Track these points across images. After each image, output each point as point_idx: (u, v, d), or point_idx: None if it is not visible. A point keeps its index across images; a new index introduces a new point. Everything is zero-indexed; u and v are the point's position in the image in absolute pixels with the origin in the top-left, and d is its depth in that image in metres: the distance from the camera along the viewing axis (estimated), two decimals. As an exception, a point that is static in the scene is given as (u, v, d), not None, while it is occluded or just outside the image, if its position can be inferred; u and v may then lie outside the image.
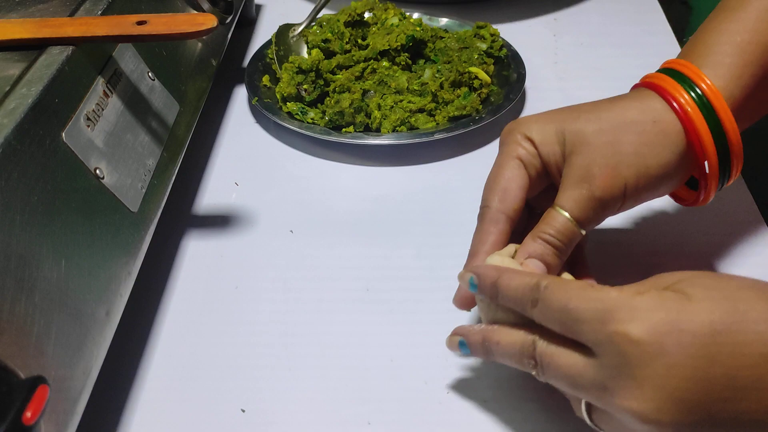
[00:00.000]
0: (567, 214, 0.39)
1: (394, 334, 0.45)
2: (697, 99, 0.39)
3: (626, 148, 0.39)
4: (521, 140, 0.41)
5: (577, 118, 0.40)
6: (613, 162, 0.39)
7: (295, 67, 0.60)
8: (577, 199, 0.39)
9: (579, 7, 0.77)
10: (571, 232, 0.39)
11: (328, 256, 0.51)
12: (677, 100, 0.39)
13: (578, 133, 0.39)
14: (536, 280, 0.34)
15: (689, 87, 0.39)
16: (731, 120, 0.39)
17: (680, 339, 0.29)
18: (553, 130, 0.40)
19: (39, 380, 0.30)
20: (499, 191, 0.41)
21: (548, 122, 0.41)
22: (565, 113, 0.41)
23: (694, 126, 0.39)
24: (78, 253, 0.37)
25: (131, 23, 0.41)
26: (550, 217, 0.39)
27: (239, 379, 0.43)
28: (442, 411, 0.41)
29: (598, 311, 0.31)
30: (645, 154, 0.39)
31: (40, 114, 0.36)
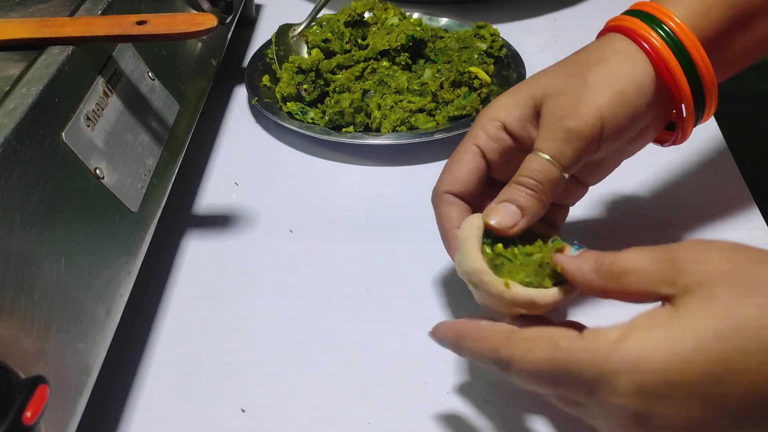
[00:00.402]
0: (543, 154, 0.38)
1: (395, 334, 0.45)
2: (665, 36, 0.38)
3: (595, 79, 0.38)
4: (485, 123, 0.41)
5: (542, 75, 0.41)
6: (584, 94, 0.38)
7: (295, 67, 0.60)
8: (552, 137, 0.38)
9: (579, 7, 0.77)
10: (548, 171, 0.38)
11: (328, 255, 0.51)
12: (645, 39, 0.38)
13: (546, 86, 0.39)
14: (495, 353, 0.32)
15: (656, 25, 0.39)
16: (702, 54, 0.38)
17: (674, 395, 0.27)
18: (522, 97, 0.40)
19: (39, 380, 0.30)
20: (447, 175, 0.41)
21: (514, 94, 0.41)
22: (530, 79, 0.41)
23: (666, 62, 0.38)
24: (78, 253, 0.37)
25: (131, 23, 0.41)
26: (526, 161, 0.39)
27: (239, 379, 0.43)
28: (443, 411, 0.41)
29: (579, 379, 0.29)
30: (615, 82, 0.38)
31: (40, 114, 0.36)
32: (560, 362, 0.30)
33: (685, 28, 0.38)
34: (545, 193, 0.38)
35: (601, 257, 0.32)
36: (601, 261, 0.32)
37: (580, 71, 0.39)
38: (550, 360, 0.30)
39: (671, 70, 0.38)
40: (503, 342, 0.32)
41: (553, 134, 0.38)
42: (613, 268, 0.31)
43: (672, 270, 0.29)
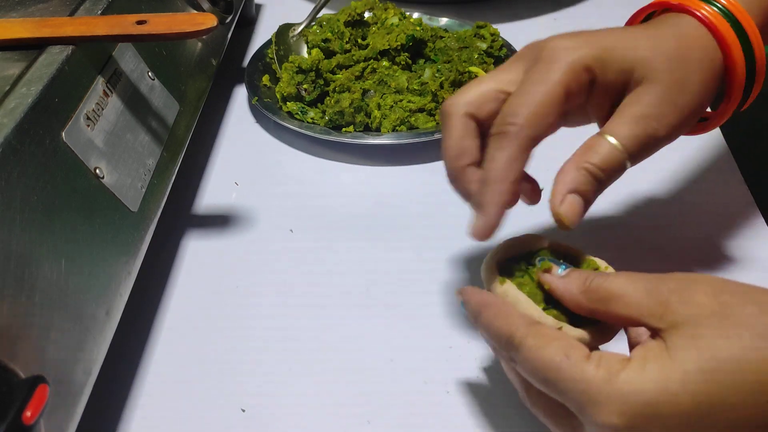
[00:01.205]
0: (618, 143, 0.36)
1: (394, 334, 0.45)
2: (721, 11, 0.38)
3: (693, 87, 0.37)
4: (576, 67, 0.36)
5: (636, 45, 0.37)
6: (682, 102, 0.37)
7: (295, 67, 0.60)
8: (638, 134, 0.36)
9: (579, 7, 0.77)
10: (619, 163, 0.36)
11: (328, 255, 0.51)
12: (706, 18, 0.38)
13: (646, 65, 0.36)
14: (510, 332, 0.33)
15: (709, 2, 0.38)
16: (756, 32, 0.38)
17: (662, 428, 0.29)
18: (617, 57, 0.36)
19: (39, 380, 0.30)
20: (535, 114, 0.35)
21: (607, 48, 0.37)
22: (619, 38, 0.37)
23: (724, 39, 0.38)
24: (78, 253, 0.37)
25: (131, 23, 0.41)
26: (599, 146, 0.36)
27: (239, 379, 0.43)
28: (442, 410, 0.41)
29: (577, 394, 0.30)
30: (705, 92, 0.37)
31: (40, 113, 0.36)
32: (563, 372, 0.31)
33: (737, 4, 0.38)
34: (606, 186, 0.37)
35: (589, 278, 0.33)
36: (589, 282, 0.33)
37: (679, 62, 0.37)
38: (555, 365, 0.31)
39: (729, 47, 0.37)
40: (522, 328, 0.33)
41: (640, 130, 0.36)
42: (601, 292, 0.32)
43: (660, 304, 0.31)
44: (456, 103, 0.38)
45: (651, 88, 0.36)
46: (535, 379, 0.32)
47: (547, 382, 0.31)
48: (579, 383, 0.30)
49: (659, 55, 0.37)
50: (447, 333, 0.45)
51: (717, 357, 0.29)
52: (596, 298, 0.33)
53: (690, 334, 0.30)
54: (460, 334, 0.45)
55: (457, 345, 0.44)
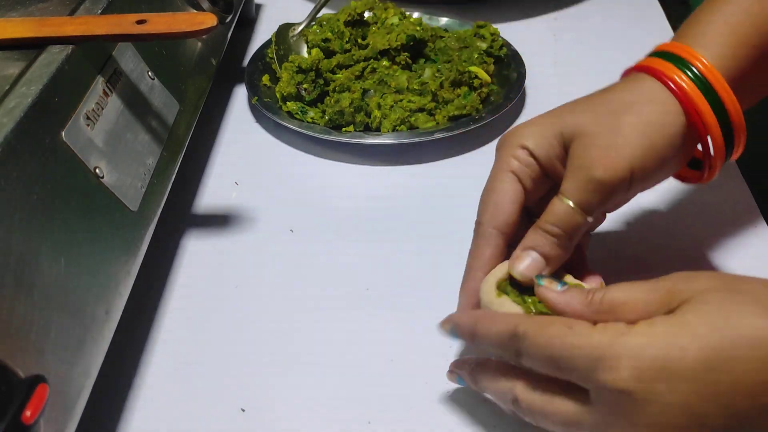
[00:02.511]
0: (569, 201, 0.38)
1: (394, 334, 0.45)
2: (695, 78, 0.38)
3: (627, 129, 0.38)
4: (515, 150, 0.40)
5: (571, 111, 0.40)
6: (615, 143, 0.38)
7: (295, 67, 0.60)
8: (578, 184, 0.38)
9: (579, 7, 0.77)
10: (572, 218, 0.38)
11: (328, 255, 0.51)
12: (674, 81, 0.38)
13: (576, 125, 0.39)
14: (512, 328, 0.34)
15: (684, 67, 0.38)
16: (731, 95, 0.38)
17: (670, 381, 0.29)
18: (549, 130, 0.40)
19: (38, 379, 0.30)
20: (491, 206, 0.40)
21: (542, 124, 0.40)
22: (558, 112, 0.40)
23: (695, 105, 0.38)
24: (78, 252, 0.37)
25: (131, 22, 0.41)
26: (551, 206, 0.39)
27: (239, 379, 0.43)
28: (442, 411, 0.41)
29: (585, 359, 0.31)
30: (648, 133, 0.38)
31: (39, 113, 0.36)
32: (570, 340, 0.32)
33: (713, 69, 0.38)
34: (568, 242, 0.39)
35: (590, 293, 0.34)
36: (591, 297, 0.34)
37: (611, 115, 0.38)
38: (561, 336, 0.32)
39: (701, 112, 0.38)
40: (523, 320, 0.34)
41: (580, 182, 0.38)
42: (605, 302, 0.33)
43: (667, 293, 0.32)
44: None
45: (580, 141, 0.39)
46: (542, 359, 0.32)
47: (554, 359, 0.32)
48: (586, 348, 0.31)
49: (587, 113, 0.39)
50: (447, 333, 0.45)
51: (725, 317, 0.30)
52: (602, 309, 0.33)
53: (699, 301, 0.31)
54: (460, 333, 0.45)
55: (458, 345, 0.44)
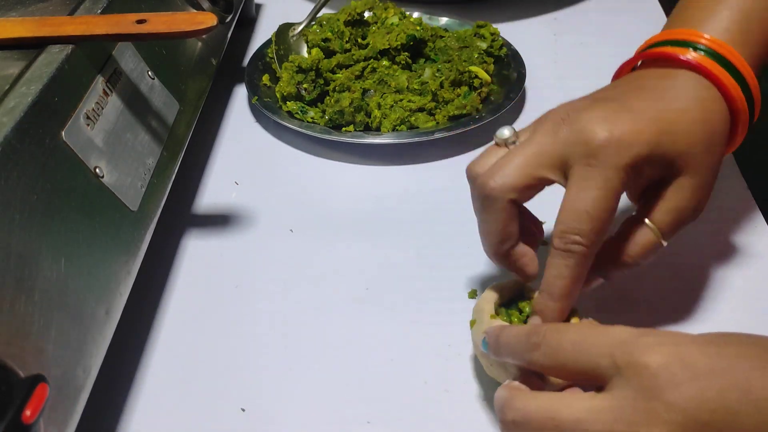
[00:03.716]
0: (658, 231, 0.39)
1: (394, 334, 0.45)
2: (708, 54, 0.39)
3: (719, 164, 0.39)
4: (629, 169, 0.37)
5: (672, 135, 0.38)
6: (713, 182, 0.39)
7: (295, 66, 0.60)
8: (678, 222, 0.39)
9: (579, 7, 0.77)
10: (655, 248, 0.39)
11: (328, 255, 0.51)
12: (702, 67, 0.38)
13: (685, 159, 0.38)
14: (532, 331, 0.34)
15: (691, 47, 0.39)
16: (745, 66, 0.39)
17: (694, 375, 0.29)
18: (660, 153, 0.37)
19: (38, 379, 0.30)
20: (601, 232, 0.37)
21: (651, 143, 0.37)
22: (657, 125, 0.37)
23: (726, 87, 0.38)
24: (78, 252, 0.37)
25: (131, 22, 0.41)
26: (641, 236, 0.39)
27: (239, 379, 0.43)
28: (442, 410, 0.41)
29: (613, 345, 0.31)
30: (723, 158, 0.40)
31: (39, 113, 0.36)
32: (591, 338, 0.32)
33: (718, 41, 0.39)
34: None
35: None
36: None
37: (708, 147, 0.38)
38: (582, 336, 0.32)
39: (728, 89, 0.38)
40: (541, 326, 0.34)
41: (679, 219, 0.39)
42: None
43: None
44: (501, 190, 0.38)
45: (691, 181, 0.38)
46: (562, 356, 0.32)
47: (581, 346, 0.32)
48: (609, 337, 0.31)
49: (696, 146, 0.38)
50: (447, 332, 0.45)
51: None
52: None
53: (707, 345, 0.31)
54: (460, 333, 0.45)
55: (457, 344, 0.44)
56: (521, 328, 0.35)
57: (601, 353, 0.31)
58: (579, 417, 0.30)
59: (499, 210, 0.38)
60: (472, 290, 0.47)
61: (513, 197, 0.38)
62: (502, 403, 0.33)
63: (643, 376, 0.29)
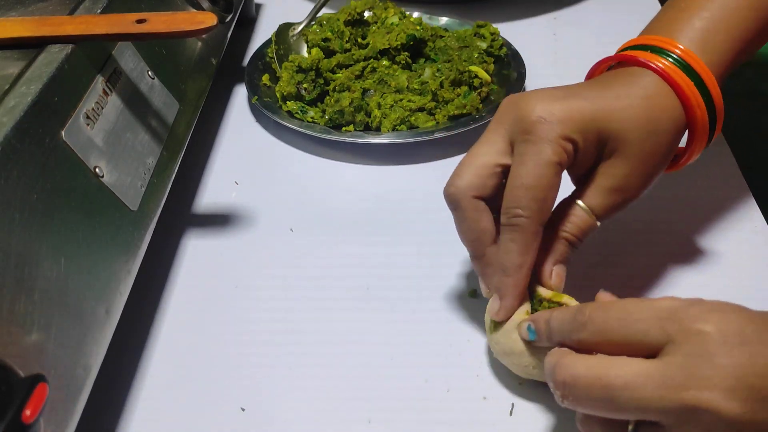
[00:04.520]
0: (591, 211, 0.40)
1: (394, 333, 0.45)
2: (675, 62, 0.40)
3: (660, 154, 0.40)
4: (562, 141, 0.38)
5: (611, 116, 0.39)
6: (650, 171, 0.40)
7: (295, 66, 0.60)
8: (609, 203, 0.40)
9: (579, 6, 0.77)
10: (591, 228, 0.40)
11: (329, 254, 0.51)
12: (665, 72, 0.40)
13: (620, 138, 0.39)
14: (576, 311, 0.35)
15: (665, 54, 0.40)
16: (711, 78, 0.40)
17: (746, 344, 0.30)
18: (593, 129, 0.39)
19: (38, 378, 0.30)
20: (540, 201, 0.38)
21: (586, 119, 0.39)
22: (596, 104, 0.39)
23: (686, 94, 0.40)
24: (78, 252, 0.37)
25: (131, 22, 0.41)
26: (574, 215, 0.40)
27: (239, 378, 0.43)
28: (442, 409, 0.41)
29: (661, 315, 0.31)
30: (670, 154, 0.41)
31: (39, 112, 0.36)
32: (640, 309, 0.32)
33: (691, 53, 0.40)
34: (580, 245, 0.41)
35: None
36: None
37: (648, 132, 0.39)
38: (630, 307, 0.33)
39: (688, 96, 0.39)
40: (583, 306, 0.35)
41: (611, 200, 0.40)
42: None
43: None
44: (460, 189, 0.40)
45: (623, 162, 0.39)
46: (609, 332, 0.33)
47: (623, 327, 0.32)
48: (656, 308, 0.31)
49: (632, 128, 0.39)
50: (447, 331, 0.45)
51: None
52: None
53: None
54: (461, 332, 0.45)
55: (457, 343, 0.44)
56: (565, 310, 0.36)
57: (650, 323, 0.31)
58: (628, 379, 0.30)
59: (464, 210, 0.40)
60: (471, 290, 0.47)
61: (473, 194, 0.39)
62: (553, 364, 0.34)
63: (694, 341, 0.30)
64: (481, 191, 0.39)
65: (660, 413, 0.30)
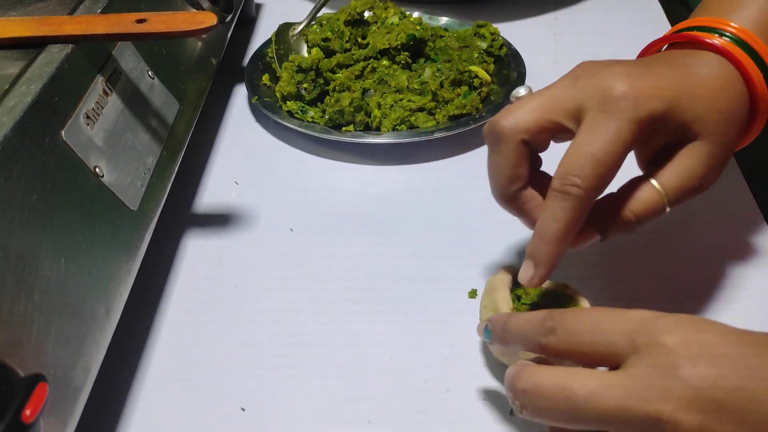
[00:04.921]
0: (664, 192, 0.38)
1: (394, 333, 0.45)
2: (731, 40, 0.39)
3: (735, 141, 0.39)
4: (642, 122, 0.36)
5: (694, 102, 0.38)
6: (727, 157, 0.39)
7: (295, 66, 0.60)
8: (686, 187, 0.38)
9: (579, 6, 0.77)
10: (659, 211, 0.38)
11: (328, 254, 0.51)
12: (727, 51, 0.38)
13: (702, 124, 0.37)
14: (544, 316, 0.34)
15: (718, 33, 0.39)
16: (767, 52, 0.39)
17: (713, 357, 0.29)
18: (679, 114, 0.37)
19: (38, 378, 0.30)
20: (602, 177, 0.36)
21: (670, 102, 0.37)
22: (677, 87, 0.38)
23: (748, 73, 0.38)
24: (77, 252, 0.37)
25: (131, 21, 0.41)
26: (644, 193, 0.38)
27: (239, 378, 0.43)
28: (442, 409, 0.41)
29: (631, 325, 0.31)
30: (741, 136, 0.39)
31: (39, 112, 0.36)
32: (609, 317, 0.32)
33: (747, 30, 0.39)
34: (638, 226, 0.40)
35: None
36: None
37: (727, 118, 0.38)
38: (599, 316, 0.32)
39: (750, 74, 0.38)
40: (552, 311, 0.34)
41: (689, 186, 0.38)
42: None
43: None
44: (512, 128, 0.38)
45: (704, 147, 0.38)
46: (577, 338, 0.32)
47: (592, 335, 0.31)
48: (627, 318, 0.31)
49: (714, 114, 0.38)
50: (447, 331, 0.45)
51: None
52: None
53: None
54: (460, 332, 0.45)
55: (457, 343, 0.44)
56: (532, 314, 0.35)
57: (618, 334, 0.31)
58: (591, 390, 0.30)
59: (509, 149, 0.38)
60: (472, 290, 0.47)
61: (524, 137, 0.38)
62: (513, 375, 0.33)
63: (660, 353, 0.29)
64: (531, 137, 0.38)
65: (623, 425, 0.29)
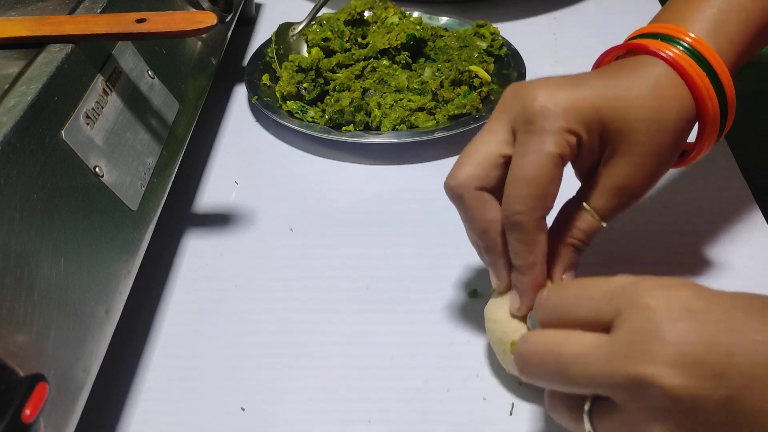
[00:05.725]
0: (597, 214, 0.39)
1: (394, 333, 0.45)
2: (686, 51, 0.39)
3: (668, 151, 0.39)
4: (565, 134, 0.37)
5: (614, 104, 0.38)
6: (657, 168, 0.39)
7: (295, 66, 0.60)
8: (615, 204, 0.39)
9: (579, 6, 0.77)
10: (597, 231, 0.40)
11: (328, 254, 0.51)
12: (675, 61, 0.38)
13: (626, 135, 0.38)
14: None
15: (675, 42, 0.39)
16: (723, 68, 0.39)
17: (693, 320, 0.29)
18: (598, 120, 0.37)
19: (38, 378, 0.30)
20: (541, 198, 0.37)
21: (586, 108, 0.37)
22: (601, 95, 0.38)
23: (696, 84, 0.38)
24: (77, 252, 0.37)
25: (131, 21, 0.41)
26: (580, 220, 0.39)
27: (239, 378, 0.43)
28: (442, 409, 0.41)
29: (614, 291, 0.31)
30: (679, 149, 0.39)
31: (39, 112, 0.36)
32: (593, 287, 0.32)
33: (702, 41, 0.39)
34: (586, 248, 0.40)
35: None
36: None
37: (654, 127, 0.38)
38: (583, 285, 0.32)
39: (699, 86, 0.38)
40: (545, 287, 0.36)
41: (617, 201, 0.39)
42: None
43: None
44: (462, 181, 0.38)
45: (628, 159, 0.38)
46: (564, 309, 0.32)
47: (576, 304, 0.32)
48: (609, 285, 0.31)
49: (639, 120, 0.38)
50: (447, 331, 0.45)
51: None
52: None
53: None
54: (461, 332, 0.45)
55: (458, 343, 0.44)
56: None
57: (602, 300, 0.31)
58: (579, 352, 0.30)
59: (468, 203, 0.39)
60: (472, 290, 0.47)
61: (477, 185, 0.38)
62: (518, 341, 0.34)
63: (642, 315, 0.29)
64: (484, 182, 0.38)
65: (609, 387, 0.30)
